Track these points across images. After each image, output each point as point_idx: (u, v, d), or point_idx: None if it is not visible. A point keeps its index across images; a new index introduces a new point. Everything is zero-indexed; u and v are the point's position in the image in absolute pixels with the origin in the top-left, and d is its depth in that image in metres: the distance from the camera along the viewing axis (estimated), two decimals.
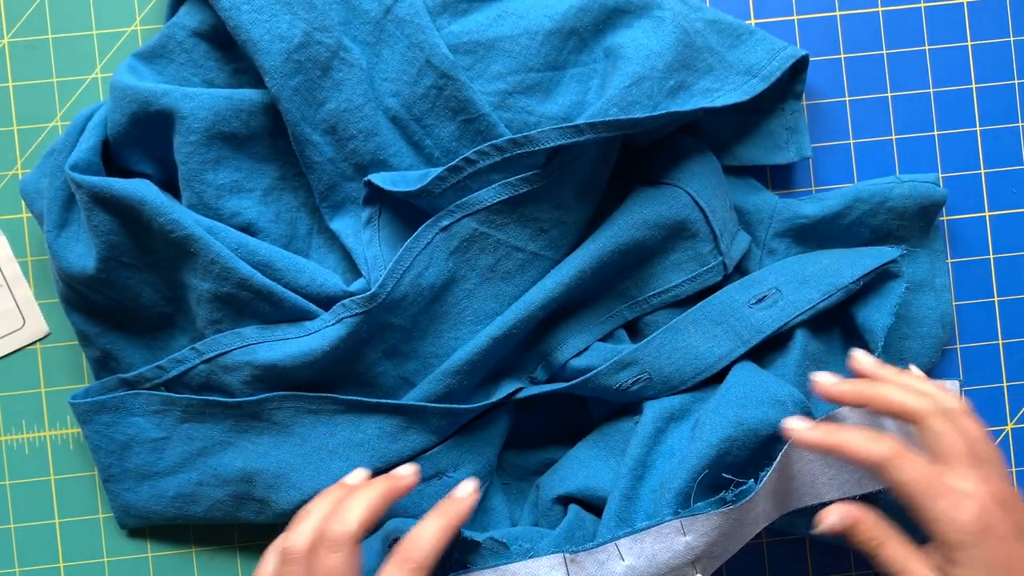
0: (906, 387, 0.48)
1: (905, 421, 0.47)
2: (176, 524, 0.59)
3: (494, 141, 0.53)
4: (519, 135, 0.53)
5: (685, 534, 0.49)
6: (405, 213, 0.55)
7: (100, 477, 0.58)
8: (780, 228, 0.58)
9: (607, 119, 0.52)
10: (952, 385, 0.56)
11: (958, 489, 0.45)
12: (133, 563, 0.60)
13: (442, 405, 0.55)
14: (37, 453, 0.60)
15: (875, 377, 0.50)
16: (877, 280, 0.56)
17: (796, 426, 0.49)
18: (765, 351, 0.57)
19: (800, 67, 0.58)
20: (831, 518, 0.48)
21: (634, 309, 0.57)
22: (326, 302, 0.54)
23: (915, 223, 0.58)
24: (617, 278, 0.56)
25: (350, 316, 0.53)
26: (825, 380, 0.50)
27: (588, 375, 0.55)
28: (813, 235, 0.58)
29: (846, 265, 0.55)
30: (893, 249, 0.56)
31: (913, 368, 0.52)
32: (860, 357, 0.51)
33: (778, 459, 0.49)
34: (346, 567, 0.45)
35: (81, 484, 0.60)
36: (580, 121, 0.52)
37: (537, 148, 0.52)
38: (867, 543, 0.47)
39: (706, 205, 0.55)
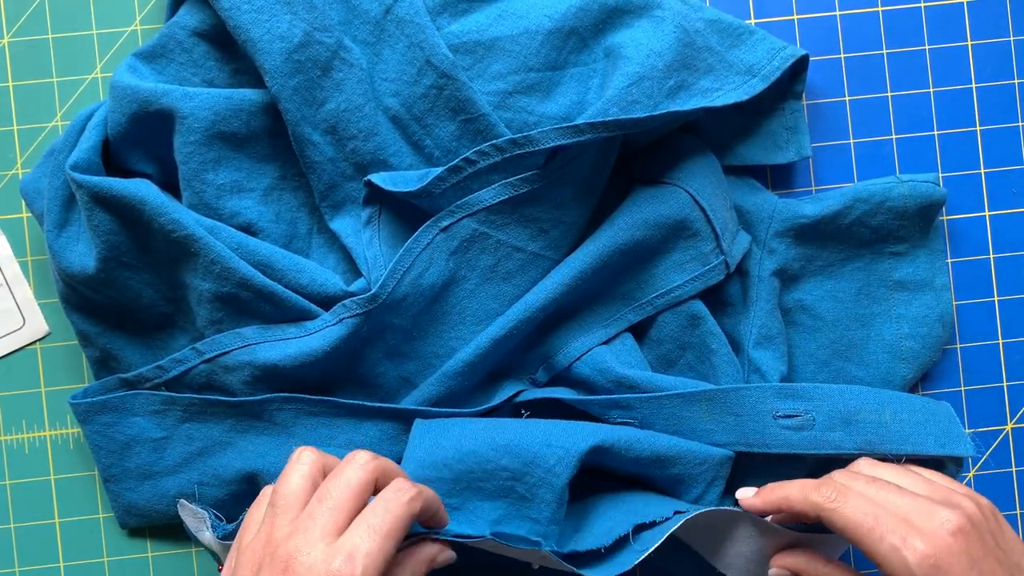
0: (805, 483, 0.47)
1: (823, 515, 0.45)
2: (177, 523, 0.59)
3: (494, 141, 0.53)
4: (519, 135, 0.53)
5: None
6: (405, 213, 0.55)
7: (101, 477, 0.58)
8: (780, 228, 0.58)
9: (607, 119, 0.51)
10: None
11: (904, 525, 0.43)
12: (133, 563, 0.60)
13: (442, 409, 0.55)
14: (37, 453, 0.60)
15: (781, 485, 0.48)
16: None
17: (742, 495, 0.50)
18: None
19: (800, 67, 0.58)
20: (771, 571, 0.49)
21: (638, 312, 0.57)
22: (326, 302, 0.54)
23: (915, 223, 0.58)
24: (619, 279, 0.56)
25: (351, 316, 0.53)
26: (743, 494, 0.50)
27: (581, 399, 0.55)
28: (813, 235, 0.58)
29: (898, 432, 0.50)
30: (967, 443, 0.50)
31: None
32: (740, 496, 0.51)
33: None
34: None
35: (81, 484, 0.60)
36: (580, 121, 0.52)
37: (537, 148, 0.52)
38: None
39: (706, 204, 0.55)
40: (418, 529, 0.48)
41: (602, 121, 0.51)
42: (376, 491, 0.45)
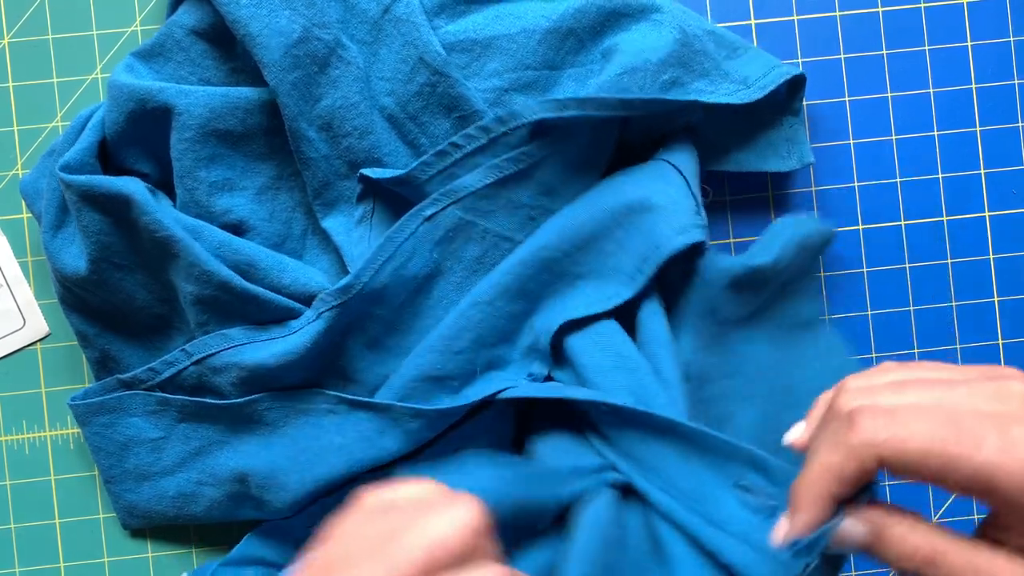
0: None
1: (887, 456, 0.33)
2: (177, 524, 0.59)
3: (479, 123, 0.53)
4: (503, 112, 0.53)
5: None
6: (399, 212, 0.55)
7: (101, 478, 0.58)
8: (724, 281, 0.53)
9: (591, 96, 0.51)
10: None
11: (991, 418, 0.31)
12: (133, 563, 0.60)
13: (421, 406, 0.53)
14: (37, 453, 0.60)
15: None
16: None
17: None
18: None
19: (798, 85, 0.57)
20: (854, 528, 0.35)
21: (629, 286, 0.53)
22: (311, 300, 0.54)
23: (807, 261, 0.55)
24: (605, 251, 0.54)
25: (327, 310, 0.53)
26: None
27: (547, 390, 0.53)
28: (748, 285, 0.54)
29: None
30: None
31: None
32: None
33: None
34: None
35: (81, 484, 0.60)
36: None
37: (522, 122, 0.52)
38: (909, 562, 0.33)
39: (686, 171, 0.54)
40: None
41: (587, 97, 0.51)
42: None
